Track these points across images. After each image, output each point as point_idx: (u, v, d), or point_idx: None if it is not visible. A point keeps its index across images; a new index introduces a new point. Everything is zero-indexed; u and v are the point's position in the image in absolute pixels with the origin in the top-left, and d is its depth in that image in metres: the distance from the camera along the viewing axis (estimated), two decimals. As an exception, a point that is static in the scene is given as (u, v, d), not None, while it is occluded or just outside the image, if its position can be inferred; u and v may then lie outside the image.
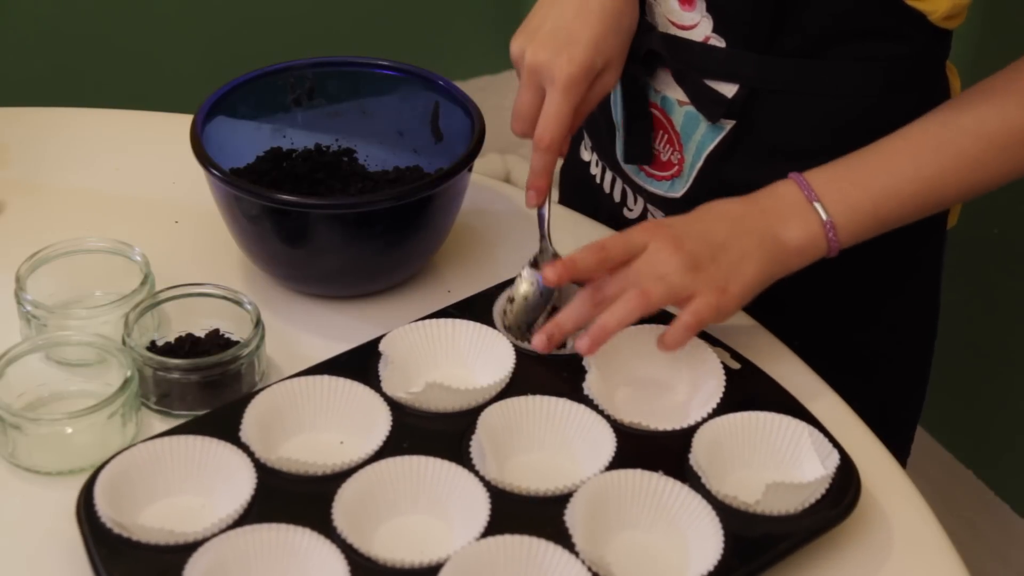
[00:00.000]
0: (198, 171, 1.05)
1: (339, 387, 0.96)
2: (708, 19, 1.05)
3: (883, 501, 0.94)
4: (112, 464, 0.90)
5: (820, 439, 0.92)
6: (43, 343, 0.99)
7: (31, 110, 1.33)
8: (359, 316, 1.08)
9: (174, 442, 0.91)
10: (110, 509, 0.86)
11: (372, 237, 1.06)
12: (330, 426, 0.95)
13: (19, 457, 0.94)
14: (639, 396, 0.98)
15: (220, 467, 0.90)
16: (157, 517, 0.89)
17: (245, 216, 1.06)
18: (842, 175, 1.00)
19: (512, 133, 1.05)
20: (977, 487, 1.96)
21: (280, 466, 0.90)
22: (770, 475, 0.91)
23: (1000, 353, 1.88)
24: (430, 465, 0.90)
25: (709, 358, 0.98)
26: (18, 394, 0.97)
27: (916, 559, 0.92)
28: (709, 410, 0.95)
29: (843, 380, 1.04)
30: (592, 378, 0.96)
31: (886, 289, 1.15)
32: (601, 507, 0.88)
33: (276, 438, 0.94)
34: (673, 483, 0.89)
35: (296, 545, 0.85)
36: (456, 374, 1.00)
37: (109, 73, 2.36)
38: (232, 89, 1.12)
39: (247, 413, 0.93)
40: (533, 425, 0.94)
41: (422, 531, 0.88)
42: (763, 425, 0.93)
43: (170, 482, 0.91)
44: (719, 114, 1.06)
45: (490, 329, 1.01)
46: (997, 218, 1.77)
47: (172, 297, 1.02)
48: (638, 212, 1.19)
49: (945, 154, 0.99)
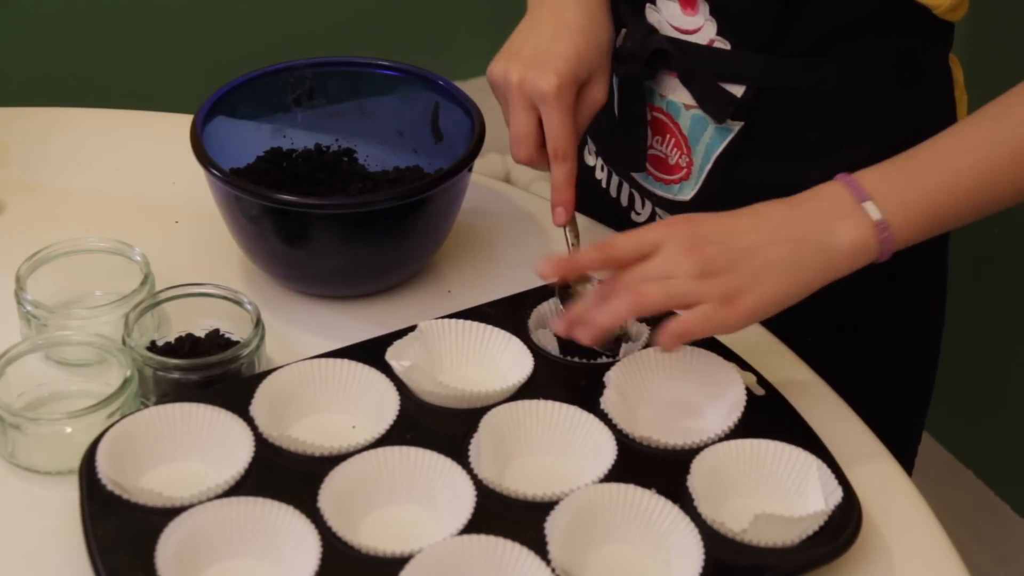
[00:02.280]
0: (198, 171, 1.05)
1: (358, 372, 0.96)
2: (712, 22, 1.05)
3: (883, 501, 0.94)
4: (120, 424, 0.91)
5: (827, 474, 0.90)
6: (43, 343, 0.99)
7: (31, 110, 1.33)
8: (359, 316, 1.08)
9: (184, 409, 0.93)
10: (110, 467, 0.88)
11: (372, 237, 1.06)
12: (346, 409, 0.96)
13: (19, 457, 0.94)
14: (658, 416, 0.96)
15: (225, 438, 0.92)
16: (160, 480, 0.91)
17: (245, 216, 1.06)
18: (893, 174, 0.93)
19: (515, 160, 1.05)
20: (977, 487, 1.96)
21: (280, 443, 0.91)
22: (772, 505, 0.90)
23: (1000, 353, 1.87)
24: (426, 458, 0.90)
25: (734, 382, 0.96)
26: (18, 394, 0.97)
27: (916, 559, 0.92)
28: (720, 433, 0.93)
29: (849, 379, 1.05)
30: (611, 394, 0.95)
31: (890, 291, 1.15)
32: (587, 519, 0.87)
33: (291, 415, 0.95)
34: (663, 502, 0.87)
35: (276, 522, 0.86)
36: (476, 375, 0.99)
37: (109, 73, 2.36)
38: (232, 89, 1.12)
39: (260, 388, 0.94)
40: (538, 429, 0.94)
41: (411, 522, 0.89)
42: (771, 454, 0.91)
43: (177, 448, 0.92)
44: (727, 115, 1.06)
45: (512, 336, 1.00)
46: (997, 218, 1.76)
47: (172, 297, 1.02)
48: (646, 216, 1.19)
49: (1001, 148, 0.93)
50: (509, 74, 1.03)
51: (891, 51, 1.03)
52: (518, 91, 1.02)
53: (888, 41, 1.03)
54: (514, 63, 1.03)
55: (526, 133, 1.04)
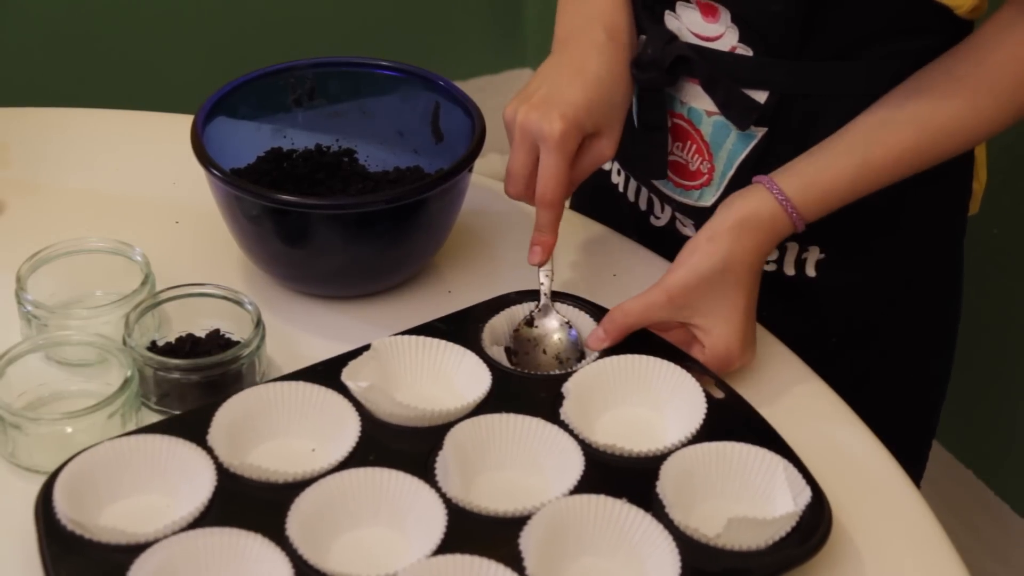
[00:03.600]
0: (199, 171, 1.05)
1: (314, 395, 0.95)
2: (734, 29, 1.04)
3: (883, 501, 0.94)
4: (76, 461, 0.89)
5: (794, 474, 0.90)
6: (43, 343, 0.99)
7: (31, 110, 1.33)
8: (359, 316, 1.08)
9: (141, 441, 0.91)
10: (68, 506, 0.86)
11: (372, 237, 1.06)
12: (303, 433, 0.95)
13: (19, 457, 0.94)
14: (618, 424, 0.97)
15: (185, 469, 0.90)
16: (121, 515, 0.89)
17: (245, 216, 1.06)
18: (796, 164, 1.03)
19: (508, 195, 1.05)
20: (977, 487, 1.96)
21: (242, 471, 0.90)
22: (741, 508, 0.90)
23: (1000, 353, 1.87)
24: (392, 478, 0.89)
25: (692, 387, 0.97)
26: (18, 394, 0.97)
27: (916, 559, 0.92)
28: (684, 438, 0.93)
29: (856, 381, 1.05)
30: (570, 404, 0.95)
31: (906, 284, 1.16)
32: (560, 531, 0.86)
33: (249, 441, 0.93)
34: (635, 511, 0.87)
35: (246, 551, 0.84)
36: (433, 392, 0.99)
37: (109, 73, 2.36)
38: (233, 89, 1.12)
39: (217, 415, 0.93)
40: (503, 443, 0.93)
41: (380, 545, 0.88)
42: (737, 456, 0.91)
43: (136, 481, 0.91)
44: (750, 122, 1.06)
45: (468, 351, 0.99)
46: (997, 218, 1.77)
47: (173, 297, 1.02)
48: (665, 220, 1.19)
49: (875, 150, 1.02)
50: (517, 112, 1.03)
51: (914, 53, 1.03)
52: (521, 129, 1.02)
53: (911, 43, 1.03)
54: (524, 106, 1.03)
55: (522, 172, 1.03)
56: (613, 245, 1.17)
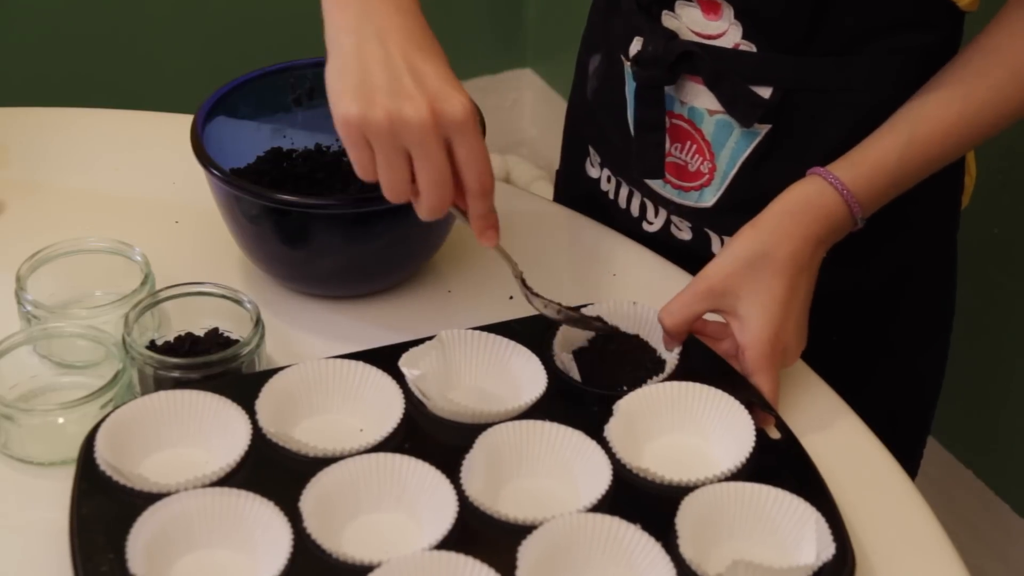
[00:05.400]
0: (198, 171, 1.05)
1: (371, 377, 0.96)
2: (737, 26, 1.04)
3: (883, 501, 0.94)
4: (125, 408, 0.92)
5: (824, 529, 0.86)
6: (37, 333, 1.00)
7: (31, 110, 1.33)
8: (359, 316, 1.09)
9: (190, 396, 0.93)
10: (108, 449, 0.89)
11: (372, 237, 1.06)
12: (356, 412, 0.96)
13: (12, 448, 0.95)
14: (662, 450, 0.94)
15: (226, 428, 0.92)
16: (159, 464, 0.92)
17: (245, 216, 1.06)
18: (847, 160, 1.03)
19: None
20: (977, 487, 1.96)
21: (276, 439, 0.91)
22: (763, 553, 0.87)
23: (1000, 353, 1.88)
24: (415, 468, 0.89)
25: (745, 423, 0.94)
26: (11, 385, 0.98)
27: (916, 559, 0.92)
28: (719, 474, 0.90)
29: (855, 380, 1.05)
30: (616, 423, 0.93)
31: (902, 276, 1.16)
32: (563, 547, 0.85)
33: (299, 412, 0.95)
34: (645, 538, 0.85)
35: (255, 517, 0.86)
36: (487, 389, 0.99)
37: (109, 73, 2.36)
38: (232, 89, 1.12)
39: (269, 383, 0.94)
40: (537, 451, 0.92)
41: (394, 532, 0.88)
42: (769, 501, 0.88)
43: (180, 434, 0.93)
44: (755, 118, 1.06)
45: (532, 354, 0.98)
46: (997, 218, 1.77)
47: (172, 296, 1.02)
48: (659, 225, 1.18)
49: (911, 149, 1.03)
50: (404, 111, 0.87)
51: (916, 47, 1.04)
52: (433, 128, 0.87)
53: (913, 37, 1.03)
54: (402, 99, 0.87)
55: (448, 175, 0.90)
56: (613, 245, 1.17)
